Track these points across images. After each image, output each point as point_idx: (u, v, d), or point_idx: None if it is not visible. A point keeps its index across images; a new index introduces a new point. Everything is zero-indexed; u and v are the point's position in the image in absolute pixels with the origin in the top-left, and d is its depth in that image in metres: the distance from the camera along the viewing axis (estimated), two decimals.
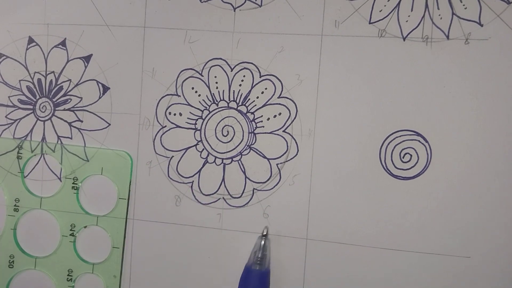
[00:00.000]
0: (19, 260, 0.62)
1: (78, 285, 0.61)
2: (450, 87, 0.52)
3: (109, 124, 0.59)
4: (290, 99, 0.55)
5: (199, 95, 0.57)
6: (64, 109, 0.60)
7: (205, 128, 0.57)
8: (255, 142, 0.56)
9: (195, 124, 0.57)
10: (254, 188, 0.56)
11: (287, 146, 0.55)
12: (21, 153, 0.61)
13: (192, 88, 0.57)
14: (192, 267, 0.58)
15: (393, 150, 0.53)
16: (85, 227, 0.60)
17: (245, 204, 0.56)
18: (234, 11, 0.56)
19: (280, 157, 0.55)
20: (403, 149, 0.53)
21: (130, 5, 0.58)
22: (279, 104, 0.55)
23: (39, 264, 0.61)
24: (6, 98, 0.61)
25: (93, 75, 0.59)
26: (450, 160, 0.52)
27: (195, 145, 0.57)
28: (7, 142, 0.61)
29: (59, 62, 0.60)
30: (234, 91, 0.56)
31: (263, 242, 0.55)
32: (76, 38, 0.59)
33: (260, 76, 0.56)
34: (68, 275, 0.61)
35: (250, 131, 0.56)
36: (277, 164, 0.56)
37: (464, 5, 0.51)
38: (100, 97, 0.59)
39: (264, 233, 0.55)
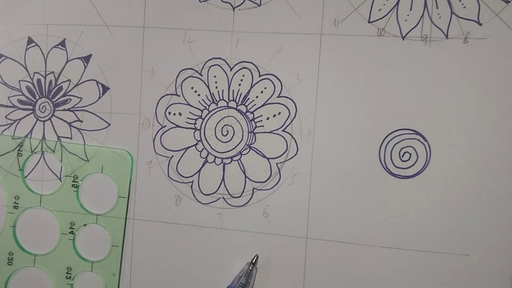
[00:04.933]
0: (18, 258, 0.62)
1: (77, 283, 0.61)
2: (449, 86, 0.52)
3: (109, 124, 0.59)
4: (290, 99, 0.55)
5: (199, 95, 0.57)
6: (64, 109, 0.60)
7: (204, 127, 0.57)
8: (254, 141, 0.56)
9: (195, 123, 0.57)
10: (254, 188, 0.56)
11: (287, 145, 0.55)
12: (21, 151, 0.61)
13: (192, 88, 0.57)
14: (192, 267, 0.58)
15: (392, 149, 0.53)
16: (84, 225, 0.60)
17: (245, 203, 0.57)
18: (233, 10, 0.56)
19: (279, 156, 0.56)
20: (402, 148, 0.53)
21: (129, 5, 0.58)
22: (279, 103, 0.55)
23: (38, 261, 0.61)
24: (5, 98, 0.61)
25: (92, 75, 0.59)
26: (449, 158, 0.52)
27: (195, 145, 0.57)
28: (7, 142, 0.61)
29: (58, 62, 0.60)
30: (233, 90, 0.56)
31: (249, 269, 0.55)
32: (75, 38, 0.59)
33: (260, 76, 0.56)
34: (67, 273, 0.61)
35: (249, 130, 0.56)
36: (276, 164, 0.56)
37: (463, 4, 0.51)
38: (99, 97, 0.59)
39: (253, 261, 0.55)
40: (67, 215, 0.60)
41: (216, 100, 0.57)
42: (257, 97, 0.56)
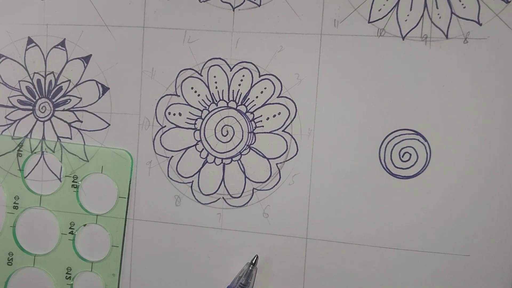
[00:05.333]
0: (18, 258, 0.62)
1: (77, 283, 0.61)
2: (449, 86, 0.52)
3: (109, 124, 0.59)
4: (290, 99, 0.55)
5: (199, 95, 0.57)
6: (64, 110, 0.60)
7: (204, 128, 0.57)
8: (254, 141, 0.56)
9: (195, 124, 0.57)
10: (253, 188, 0.56)
11: (287, 145, 0.55)
12: (21, 151, 0.61)
13: (192, 88, 0.57)
14: (192, 267, 0.58)
15: (392, 149, 0.53)
16: (84, 225, 0.60)
17: (245, 203, 0.56)
18: (233, 10, 0.56)
19: (279, 156, 0.56)
20: (402, 148, 0.53)
21: (129, 5, 0.58)
22: (279, 103, 0.55)
23: (38, 261, 0.61)
24: (5, 98, 0.61)
25: (92, 76, 0.59)
26: (449, 159, 0.52)
27: (195, 145, 0.57)
28: (7, 142, 0.61)
29: (58, 62, 0.60)
30: (233, 90, 0.56)
31: (249, 269, 0.55)
32: (75, 38, 0.59)
33: (260, 76, 0.56)
34: (67, 273, 0.61)
35: (249, 130, 0.56)
36: (276, 164, 0.56)
37: (463, 4, 0.51)
38: (99, 97, 0.59)
39: (253, 261, 0.55)
40: (67, 215, 0.60)
41: (216, 100, 0.57)
42: (257, 97, 0.56)
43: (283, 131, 0.55)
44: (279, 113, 0.55)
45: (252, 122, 0.56)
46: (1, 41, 0.61)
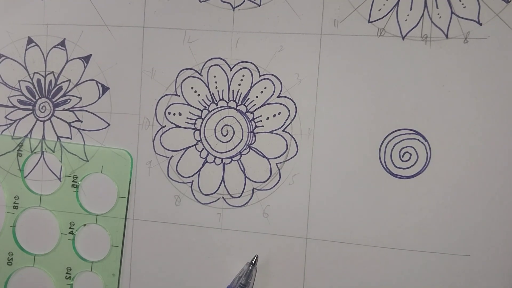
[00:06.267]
0: (18, 258, 0.62)
1: (76, 283, 0.61)
2: (449, 86, 0.52)
3: (109, 124, 0.59)
4: (290, 99, 0.55)
5: (199, 95, 0.57)
6: (64, 109, 0.60)
7: (204, 127, 0.57)
8: (254, 141, 0.56)
9: (195, 124, 0.57)
10: (253, 188, 0.56)
11: (287, 145, 0.55)
12: (21, 151, 0.61)
13: (192, 88, 0.57)
14: (192, 267, 0.58)
15: (392, 149, 0.53)
16: (84, 225, 0.60)
17: (245, 203, 0.56)
18: (233, 10, 0.56)
19: (279, 156, 0.56)
20: (402, 148, 0.53)
21: (129, 5, 0.58)
22: (279, 103, 0.55)
23: (38, 261, 0.61)
24: (5, 98, 0.61)
25: (92, 75, 0.59)
26: (450, 158, 0.52)
27: (195, 145, 0.57)
28: (7, 142, 0.61)
29: (58, 62, 0.60)
30: (233, 90, 0.56)
31: (249, 269, 0.55)
32: (75, 38, 0.59)
33: (259, 76, 0.56)
34: (67, 273, 0.61)
35: (249, 130, 0.56)
36: (276, 164, 0.56)
37: (463, 4, 0.51)
38: (99, 97, 0.59)
39: (253, 261, 0.55)
40: (66, 215, 0.60)
41: (216, 100, 0.57)
42: (257, 97, 0.56)
43: (283, 131, 0.55)
44: (279, 113, 0.55)
45: (252, 122, 0.56)
46: (1, 41, 0.61)
